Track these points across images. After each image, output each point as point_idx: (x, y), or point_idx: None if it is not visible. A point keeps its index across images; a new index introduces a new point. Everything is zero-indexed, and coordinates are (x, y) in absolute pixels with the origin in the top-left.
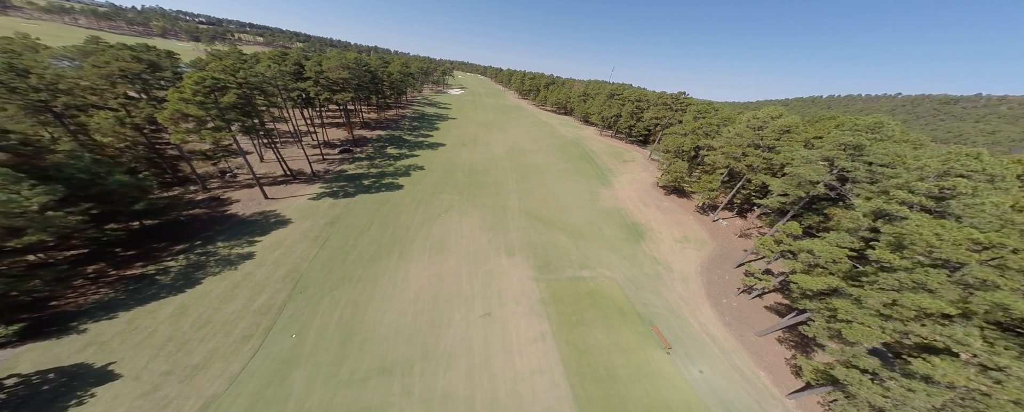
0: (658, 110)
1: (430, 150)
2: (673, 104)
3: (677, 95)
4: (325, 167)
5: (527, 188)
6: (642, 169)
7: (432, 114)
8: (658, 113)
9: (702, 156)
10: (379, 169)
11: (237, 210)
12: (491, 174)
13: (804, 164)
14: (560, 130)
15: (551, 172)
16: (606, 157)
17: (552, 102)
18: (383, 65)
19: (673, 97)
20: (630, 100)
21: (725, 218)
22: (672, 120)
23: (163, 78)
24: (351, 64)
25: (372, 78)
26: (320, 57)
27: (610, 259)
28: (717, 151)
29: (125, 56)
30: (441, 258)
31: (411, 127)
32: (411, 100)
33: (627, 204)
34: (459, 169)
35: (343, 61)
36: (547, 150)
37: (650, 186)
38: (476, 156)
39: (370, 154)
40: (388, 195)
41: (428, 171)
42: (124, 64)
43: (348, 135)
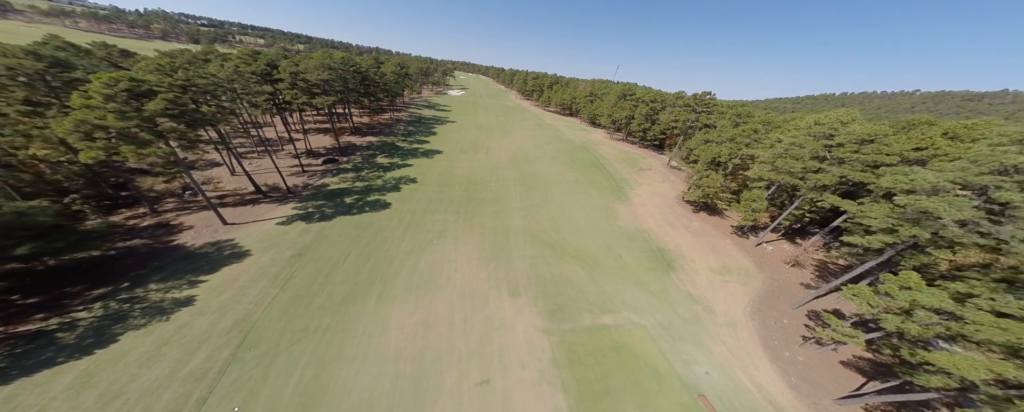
0: (677, 112)
1: (425, 159)
2: (696, 105)
3: (701, 96)
4: (304, 181)
5: (533, 204)
6: (661, 179)
7: (430, 117)
8: (677, 115)
9: (740, 167)
10: (365, 183)
11: (186, 240)
12: (492, 187)
13: (930, 197)
14: (566, 133)
15: (559, 183)
16: (620, 165)
17: (556, 103)
18: (376, 66)
19: (695, 98)
20: (644, 101)
21: (769, 241)
22: (695, 124)
23: (74, 79)
24: (335, 64)
25: (362, 80)
26: (299, 57)
27: (636, 298)
28: (763, 163)
29: (16, 52)
30: (430, 299)
31: (406, 132)
32: (408, 102)
33: (649, 223)
34: (456, 181)
35: (325, 61)
36: (553, 157)
37: (674, 201)
38: (475, 165)
39: (357, 164)
40: (372, 217)
41: (421, 185)
42: (11, 61)
43: (334, 143)
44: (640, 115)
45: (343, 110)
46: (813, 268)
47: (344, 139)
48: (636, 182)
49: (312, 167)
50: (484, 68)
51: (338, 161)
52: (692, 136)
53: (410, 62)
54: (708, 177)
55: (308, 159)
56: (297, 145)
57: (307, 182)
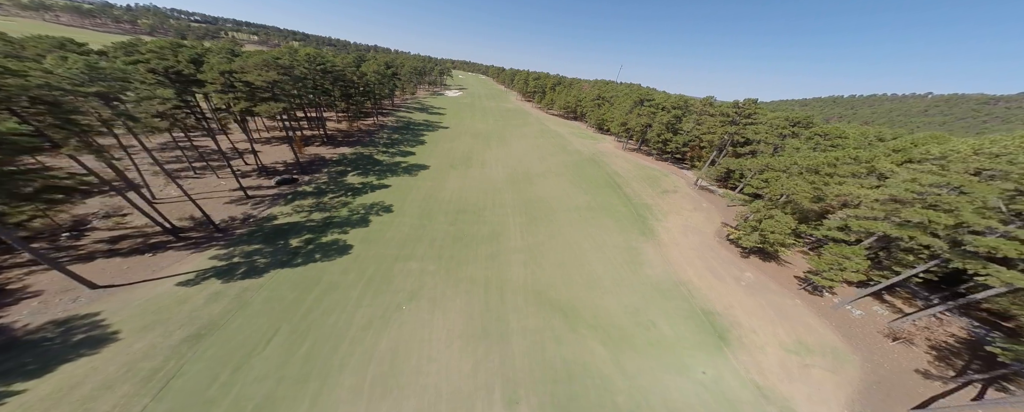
0: (709, 123)
1: (407, 177)
2: (736, 115)
3: (743, 104)
4: (244, 212)
5: (536, 242)
6: (691, 206)
7: (420, 122)
8: (710, 126)
9: (825, 210)
10: (326, 213)
11: (18, 317)
12: (486, 217)
13: None
14: (573, 142)
15: (568, 211)
16: (638, 184)
17: (560, 106)
18: (355, 65)
19: (734, 106)
20: (664, 108)
21: (850, 298)
22: (736, 138)
23: None
24: (298, 61)
25: (336, 80)
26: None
27: (683, 394)
28: (873, 210)
29: None
30: (388, 409)
31: (389, 142)
32: (399, 105)
33: (688, 272)
34: (442, 209)
35: (270, 58)
36: (559, 172)
37: (714, 238)
38: (468, 184)
39: (321, 186)
40: (322, 269)
41: (397, 215)
42: None
43: (296, 156)
44: (660, 124)
45: (315, 115)
46: (928, 345)
47: (311, 151)
48: (661, 209)
49: (261, 190)
50: (484, 67)
51: (297, 181)
52: (725, 150)
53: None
54: (773, 219)
55: (259, 179)
56: (254, 159)
57: (248, 213)
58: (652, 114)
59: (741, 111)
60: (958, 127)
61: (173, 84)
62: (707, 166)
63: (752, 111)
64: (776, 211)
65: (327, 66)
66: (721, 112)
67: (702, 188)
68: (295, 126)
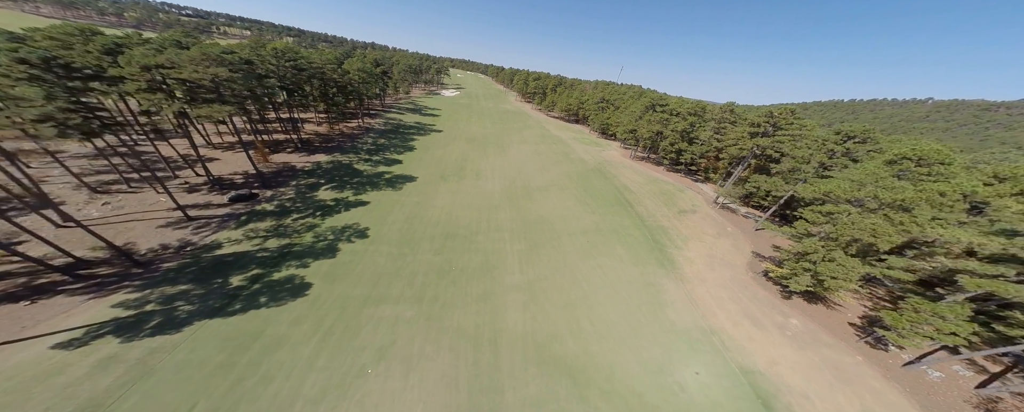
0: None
1: (390, 191)
2: (766, 125)
3: (777, 114)
4: (182, 238)
5: (538, 276)
6: (715, 230)
7: (411, 125)
8: (735, 137)
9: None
10: (285, 239)
11: None
12: (479, 243)
13: None
14: (576, 149)
15: (574, 235)
16: (651, 201)
17: (561, 108)
18: (336, 61)
19: (766, 116)
20: (680, 115)
21: (923, 353)
22: (771, 152)
23: None
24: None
25: (309, 78)
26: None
27: None
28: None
29: None
30: None
31: (373, 148)
32: (389, 105)
33: (719, 317)
34: (427, 233)
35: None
36: (563, 185)
37: (744, 270)
38: (460, 200)
39: (285, 203)
40: (266, 317)
41: (373, 241)
42: None
43: (256, 167)
44: (674, 132)
45: (288, 117)
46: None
47: (279, 159)
48: (680, 234)
49: (210, 210)
50: (483, 66)
51: (256, 197)
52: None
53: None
54: (837, 262)
55: (210, 195)
56: (210, 168)
57: (186, 240)
58: (665, 121)
59: (774, 121)
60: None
61: (61, 80)
62: (730, 183)
63: (789, 122)
64: (838, 252)
65: (300, 62)
66: (749, 122)
67: (723, 207)
68: (261, 129)
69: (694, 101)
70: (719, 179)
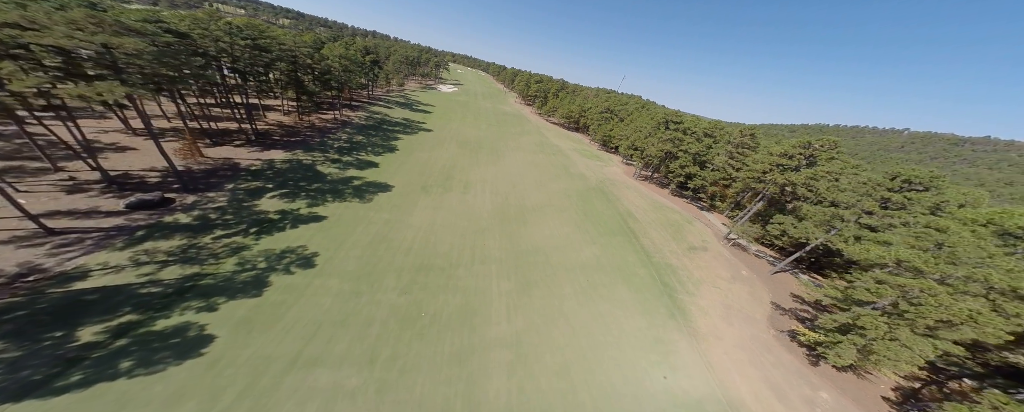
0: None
1: (356, 203)
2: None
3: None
4: (28, 260)
5: (529, 327)
6: (727, 270)
7: (398, 121)
8: (759, 168)
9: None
10: (194, 266)
11: None
12: (459, 279)
13: None
14: (576, 162)
15: (573, 272)
16: (658, 233)
17: (562, 114)
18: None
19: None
20: (695, 135)
21: None
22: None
23: None
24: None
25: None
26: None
27: None
28: None
29: None
30: None
31: (347, 146)
32: (378, 97)
33: (739, 386)
34: (395, 263)
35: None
36: (561, 206)
37: (765, 326)
38: (441, 219)
39: (208, 214)
40: (123, 396)
41: (321, 273)
42: None
43: (184, 159)
44: (686, 154)
45: (241, 102)
46: None
47: (219, 154)
48: (691, 276)
49: (93, 219)
50: (485, 64)
51: (171, 204)
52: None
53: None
54: (901, 343)
55: (101, 198)
56: (119, 160)
57: (33, 264)
58: (677, 141)
59: (810, 153)
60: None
61: None
62: (745, 219)
63: (830, 156)
64: (904, 330)
65: (263, 42)
66: (780, 152)
67: (735, 244)
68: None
69: (710, 121)
70: (726, 208)
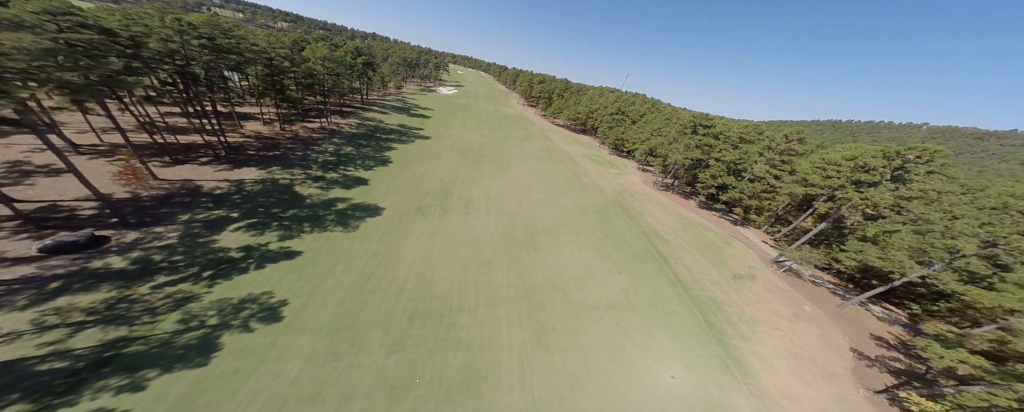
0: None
1: (339, 232)
2: (883, 170)
3: (915, 155)
4: None
5: (549, 395)
6: (786, 305)
7: (393, 128)
8: (828, 182)
9: None
10: (119, 328)
11: None
12: (460, 330)
13: None
14: (588, 170)
15: (597, 312)
16: (693, 257)
17: (568, 116)
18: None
19: (890, 153)
20: (729, 141)
21: None
22: (888, 211)
23: None
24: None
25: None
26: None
27: None
28: None
29: None
30: None
31: (333, 159)
32: (373, 102)
33: None
34: (383, 311)
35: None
36: (577, 226)
37: (851, 383)
38: (438, 251)
39: (151, 256)
40: None
41: (287, 329)
42: None
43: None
44: (720, 163)
45: (211, 109)
46: None
47: (178, 174)
48: (743, 312)
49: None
50: (486, 64)
51: (103, 243)
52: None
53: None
54: None
55: (10, 240)
56: (43, 186)
57: None
58: (708, 147)
59: (901, 165)
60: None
61: None
62: (803, 242)
63: (929, 169)
64: None
65: (223, 42)
66: (856, 163)
67: (787, 269)
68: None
69: (744, 123)
70: (763, 223)
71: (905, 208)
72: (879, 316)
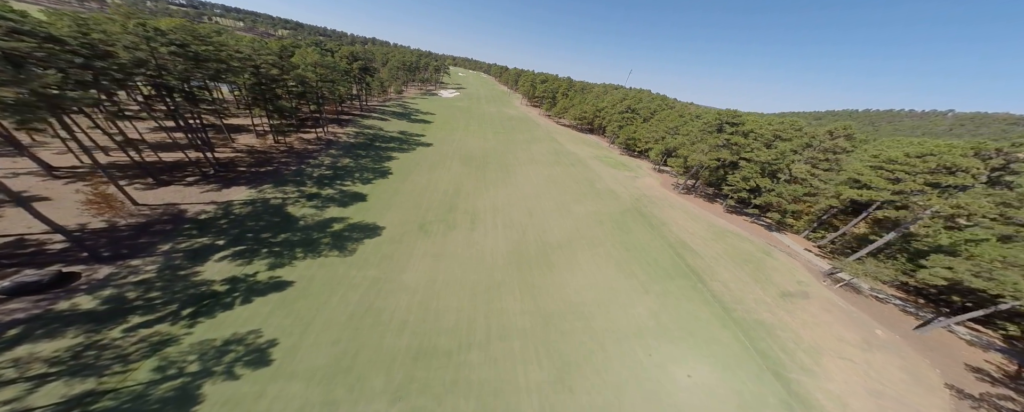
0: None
1: (335, 256)
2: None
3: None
4: None
5: None
6: (851, 328)
7: (393, 136)
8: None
9: None
10: (86, 381)
11: None
12: (470, 369)
13: None
14: (601, 174)
15: (626, 341)
16: (729, 270)
17: (574, 116)
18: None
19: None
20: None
21: None
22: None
23: None
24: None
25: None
26: None
27: None
28: None
29: None
30: None
31: (329, 174)
32: (372, 108)
33: None
34: (384, 349)
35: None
36: (594, 238)
37: None
38: (444, 274)
39: (125, 294)
40: None
41: (276, 374)
42: None
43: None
44: (752, 165)
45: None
46: None
47: (160, 196)
48: (800, 339)
49: None
50: (486, 66)
51: (72, 280)
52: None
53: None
54: None
55: None
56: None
57: None
58: (737, 147)
59: (1002, 165)
60: None
61: None
62: (864, 254)
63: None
64: None
65: (199, 48)
66: (937, 163)
67: (845, 285)
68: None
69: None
70: (803, 228)
71: (1012, 218)
72: (968, 339)
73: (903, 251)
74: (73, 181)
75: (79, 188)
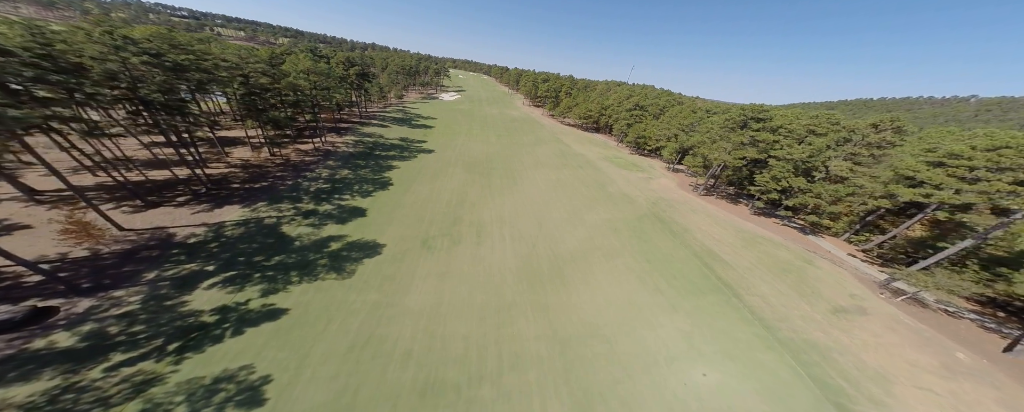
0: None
1: (333, 279)
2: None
3: None
4: None
5: None
6: (926, 352)
7: (393, 143)
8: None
9: None
10: None
11: None
12: (486, 407)
13: None
14: (612, 176)
15: (655, 369)
16: (767, 282)
17: (578, 115)
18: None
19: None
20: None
21: None
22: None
23: None
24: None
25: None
26: None
27: None
28: None
29: None
30: None
31: (326, 187)
32: (372, 114)
33: None
34: (387, 385)
35: None
36: (610, 249)
37: None
38: (449, 295)
39: (106, 329)
40: None
41: None
42: None
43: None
44: (783, 164)
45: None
46: None
47: (148, 220)
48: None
49: None
50: (486, 67)
51: (48, 317)
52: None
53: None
54: None
55: None
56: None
57: None
58: (766, 145)
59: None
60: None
61: None
62: (933, 262)
63: None
64: None
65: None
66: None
67: (903, 295)
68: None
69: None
70: (842, 230)
71: None
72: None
73: (972, 257)
74: (56, 205)
75: (53, 217)
